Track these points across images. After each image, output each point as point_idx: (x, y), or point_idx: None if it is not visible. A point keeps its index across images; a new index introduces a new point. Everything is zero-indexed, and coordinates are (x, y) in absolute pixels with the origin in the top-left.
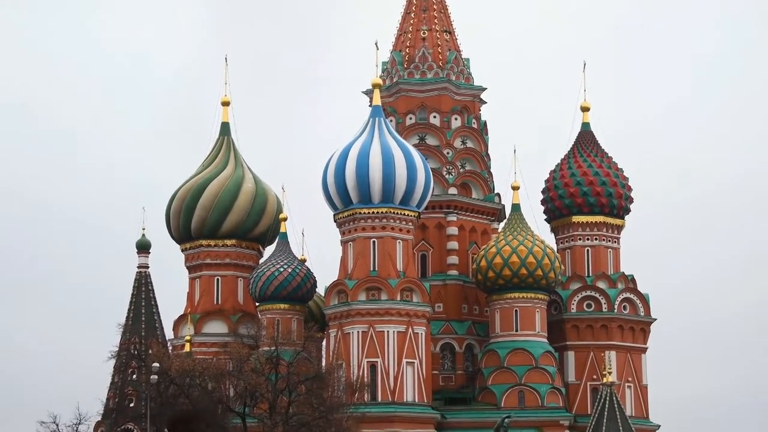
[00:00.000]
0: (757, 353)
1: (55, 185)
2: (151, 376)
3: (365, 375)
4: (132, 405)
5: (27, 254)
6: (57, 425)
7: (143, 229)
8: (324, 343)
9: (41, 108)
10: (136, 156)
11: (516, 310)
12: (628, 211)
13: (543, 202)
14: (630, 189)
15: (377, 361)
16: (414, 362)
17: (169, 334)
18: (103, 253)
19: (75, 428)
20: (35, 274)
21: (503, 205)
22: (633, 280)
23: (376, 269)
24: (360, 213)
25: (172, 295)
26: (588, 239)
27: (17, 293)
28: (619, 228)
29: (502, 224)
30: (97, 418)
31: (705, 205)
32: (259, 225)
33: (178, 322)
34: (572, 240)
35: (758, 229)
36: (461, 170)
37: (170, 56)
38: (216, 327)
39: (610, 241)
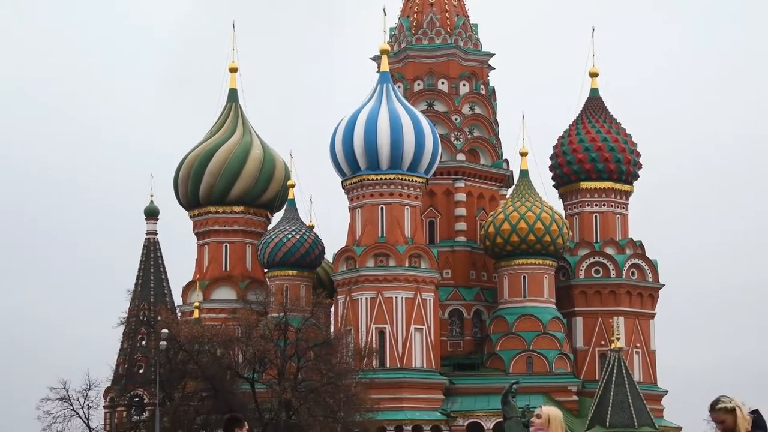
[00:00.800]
0: (766, 318)
1: (63, 152)
2: (160, 343)
3: (374, 341)
4: (141, 371)
5: (35, 223)
6: (67, 391)
7: (151, 195)
8: (332, 309)
9: (47, 78)
10: (144, 123)
11: (524, 276)
12: (636, 176)
13: (551, 168)
14: (638, 155)
15: (386, 328)
16: (422, 328)
17: (177, 300)
18: (111, 219)
19: (85, 394)
20: (44, 242)
21: (511, 171)
22: (641, 246)
23: (384, 235)
24: (368, 179)
25: (181, 262)
26: (596, 205)
27: (26, 261)
28: (628, 194)
29: (510, 190)
30: (106, 384)
31: (715, 171)
32: (267, 191)
33: (187, 289)
34: (580, 206)
35: None
36: (469, 136)
37: (178, 23)
38: (224, 293)
39: (618, 206)
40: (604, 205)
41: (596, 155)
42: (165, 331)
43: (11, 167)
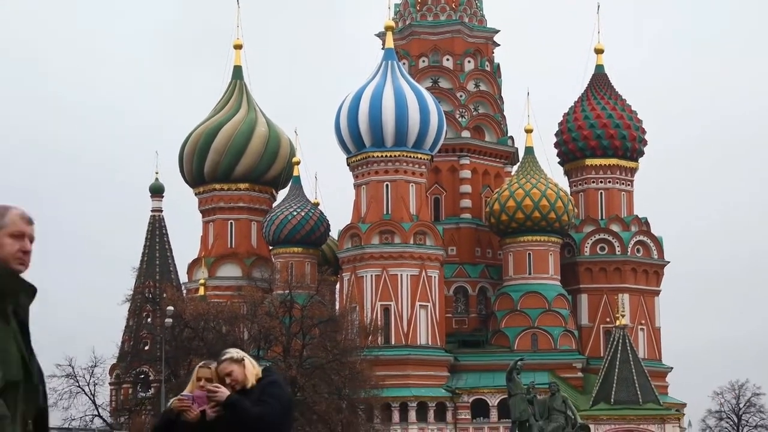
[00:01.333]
0: None
1: (68, 130)
2: (166, 320)
3: (379, 318)
4: (147, 348)
5: (41, 201)
6: (73, 368)
7: (156, 173)
8: (337, 286)
9: (55, 55)
10: (149, 100)
11: (529, 253)
12: (641, 153)
13: (556, 145)
14: (644, 131)
15: (391, 305)
16: (427, 305)
17: (183, 277)
18: (116, 196)
19: (91, 371)
20: (49, 220)
21: (516, 148)
22: (646, 223)
23: (390, 213)
24: (373, 156)
25: (186, 239)
26: (601, 182)
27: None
28: (633, 170)
29: (515, 167)
30: (112, 361)
31: (720, 147)
32: (272, 169)
33: (192, 266)
34: (585, 183)
35: None
36: (474, 113)
37: (183, 1)
38: (230, 270)
39: (623, 183)
40: (609, 181)
41: (601, 132)
42: (170, 308)
43: (17, 144)
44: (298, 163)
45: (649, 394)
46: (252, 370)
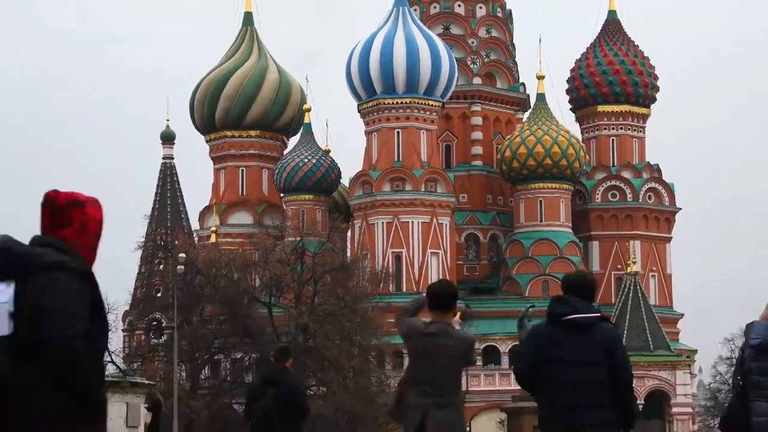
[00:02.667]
0: None
1: (79, 77)
2: (178, 267)
3: (390, 265)
4: (159, 295)
5: (53, 149)
6: None
7: (167, 120)
8: (349, 233)
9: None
10: (160, 47)
11: (540, 201)
12: (653, 99)
13: (568, 91)
14: (656, 77)
15: (402, 252)
16: (438, 252)
17: (194, 225)
18: (128, 144)
19: None
20: (60, 166)
21: (528, 95)
22: (658, 170)
23: (401, 160)
24: (384, 103)
25: (197, 186)
26: (613, 128)
27: (44, 184)
28: (645, 117)
29: (526, 114)
30: (125, 308)
31: (733, 94)
32: (283, 116)
33: (204, 213)
34: (597, 129)
35: None
36: (486, 60)
37: None
38: (241, 218)
39: (635, 130)
40: (621, 128)
41: (614, 78)
42: (182, 255)
43: (30, 91)
44: (309, 110)
45: (660, 340)
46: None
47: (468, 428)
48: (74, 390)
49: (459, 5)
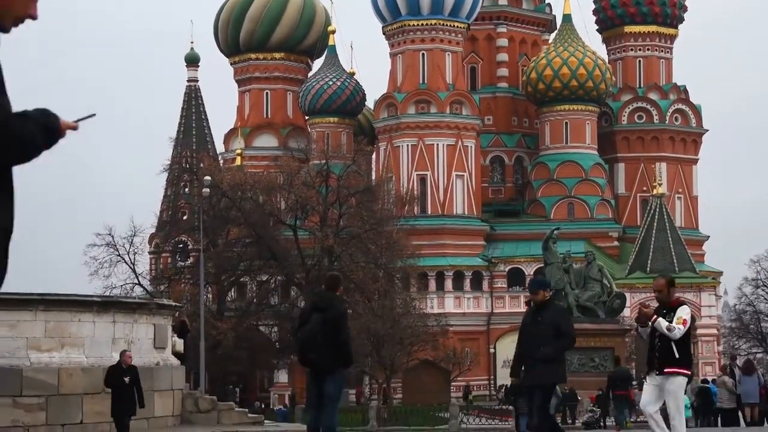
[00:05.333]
0: None
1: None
2: (203, 190)
3: (415, 188)
4: (185, 218)
5: (78, 70)
6: (112, 237)
7: (192, 42)
8: (374, 156)
9: None
10: None
11: (566, 122)
12: (681, 20)
13: (594, 12)
14: None
15: (427, 174)
16: (463, 175)
17: (219, 147)
18: (153, 66)
19: (130, 240)
20: (86, 89)
21: (554, 16)
22: (685, 91)
23: (426, 82)
24: (409, 25)
25: (222, 109)
26: (640, 49)
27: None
28: (672, 38)
29: (552, 35)
30: (151, 231)
31: (761, 14)
32: (308, 38)
33: (229, 136)
34: (624, 50)
35: None
36: None
37: None
38: (266, 141)
39: (662, 51)
40: (648, 49)
41: None
42: (208, 178)
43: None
44: (333, 32)
45: (685, 262)
46: None
47: (493, 350)
48: None
49: None
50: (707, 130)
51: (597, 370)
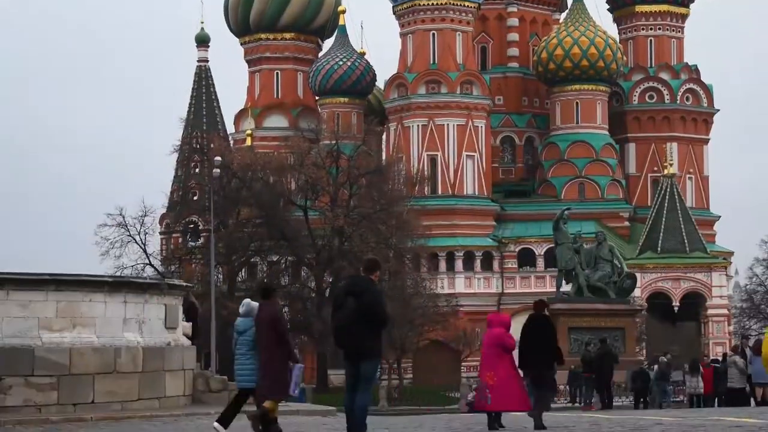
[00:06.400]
0: None
1: None
2: (214, 170)
3: (425, 168)
4: (195, 198)
5: (91, 50)
6: (123, 217)
7: (202, 22)
8: (384, 136)
9: None
10: None
11: (577, 103)
12: None
13: None
14: None
15: (437, 155)
16: (474, 155)
17: (230, 128)
18: (163, 47)
19: (141, 220)
20: (98, 71)
21: None
22: (697, 71)
23: (436, 62)
24: (419, 5)
25: (233, 90)
26: (651, 29)
27: (82, 91)
28: (684, 17)
29: (563, 14)
30: (162, 211)
31: None
32: (318, 18)
33: (239, 116)
34: (635, 30)
35: None
36: None
37: None
38: (276, 121)
39: (674, 30)
40: (659, 28)
41: None
42: (218, 158)
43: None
44: (343, 11)
45: (696, 242)
46: None
47: None
48: None
49: None
50: (718, 110)
51: None
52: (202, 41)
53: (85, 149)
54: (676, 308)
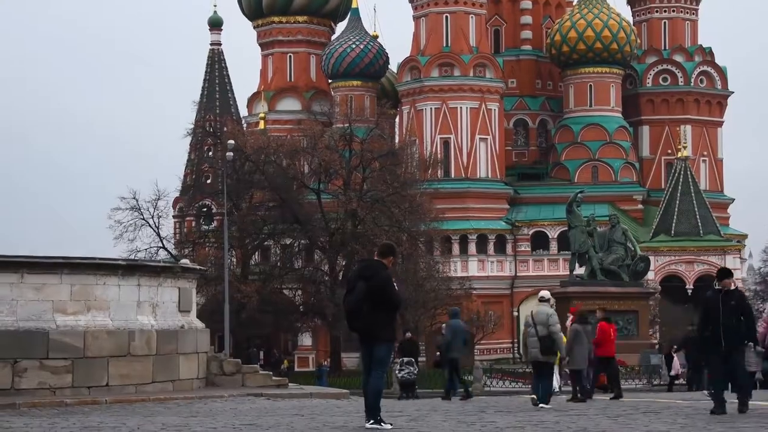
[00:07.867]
0: None
1: None
2: (227, 153)
3: (438, 151)
4: (209, 181)
5: (103, 36)
6: (137, 201)
7: (215, 5)
8: (397, 119)
9: None
10: None
11: (590, 85)
12: None
13: None
14: None
15: (450, 138)
16: (487, 138)
17: (243, 111)
18: (176, 30)
19: (154, 204)
20: (111, 55)
21: None
22: (711, 53)
23: (449, 45)
24: None
25: (246, 73)
26: (665, 11)
27: (95, 74)
28: None
29: None
30: (175, 194)
31: None
32: (331, 1)
33: (252, 100)
34: (649, 12)
35: None
36: None
37: None
38: (289, 104)
39: (688, 12)
40: (673, 11)
41: None
42: (231, 141)
43: None
44: None
45: (710, 225)
46: None
47: (517, 313)
48: None
49: None
50: (732, 93)
51: (621, 334)
52: (215, 24)
53: (98, 133)
54: (689, 291)
